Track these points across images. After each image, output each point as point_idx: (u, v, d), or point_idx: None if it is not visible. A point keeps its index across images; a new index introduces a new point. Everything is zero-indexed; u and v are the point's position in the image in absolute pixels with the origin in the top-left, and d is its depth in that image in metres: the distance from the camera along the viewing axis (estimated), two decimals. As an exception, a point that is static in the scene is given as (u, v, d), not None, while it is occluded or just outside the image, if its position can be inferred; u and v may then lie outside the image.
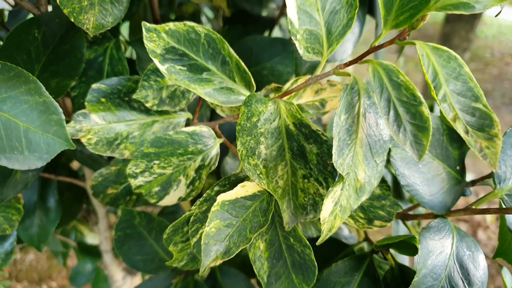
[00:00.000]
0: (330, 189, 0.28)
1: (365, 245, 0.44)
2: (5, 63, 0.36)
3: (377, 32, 0.56)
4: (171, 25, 0.35)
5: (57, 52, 0.46)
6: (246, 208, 0.30)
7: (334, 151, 0.27)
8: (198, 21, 0.99)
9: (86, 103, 0.41)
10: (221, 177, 0.38)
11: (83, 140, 0.41)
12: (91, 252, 0.94)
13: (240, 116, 0.33)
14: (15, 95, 0.37)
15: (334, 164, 0.27)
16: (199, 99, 0.47)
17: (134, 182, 0.39)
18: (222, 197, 0.29)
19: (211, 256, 0.28)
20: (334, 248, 0.42)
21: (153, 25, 0.35)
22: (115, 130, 0.42)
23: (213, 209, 0.29)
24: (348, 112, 0.29)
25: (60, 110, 0.37)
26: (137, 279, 1.04)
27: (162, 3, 0.82)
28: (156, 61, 0.36)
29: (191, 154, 0.39)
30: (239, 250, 0.28)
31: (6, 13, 0.77)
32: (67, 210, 0.68)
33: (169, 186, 0.39)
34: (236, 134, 0.32)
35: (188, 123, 0.47)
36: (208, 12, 1.07)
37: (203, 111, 0.59)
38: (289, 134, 0.34)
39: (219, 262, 0.29)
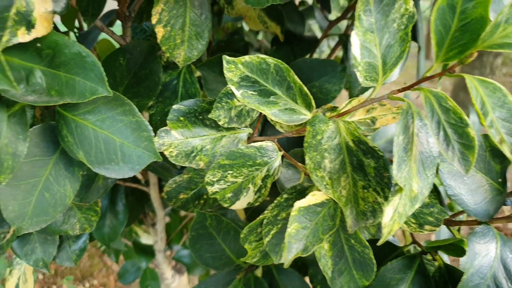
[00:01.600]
0: (389, 198, 0.33)
1: (411, 247, 0.48)
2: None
3: (419, 56, 0.61)
4: (246, 57, 0.41)
5: (138, 76, 0.53)
6: (317, 214, 0.36)
7: (394, 166, 0.32)
8: (241, 36, 1.05)
9: (167, 121, 0.48)
10: (275, 185, 0.44)
11: (166, 153, 0.47)
12: (146, 251, 1.02)
13: (306, 134, 0.39)
14: (113, 115, 0.44)
15: (394, 177, 0.32)
16: (259, 117, 0.53)
17: (210, 189, 0.45)
18: (298, 204, 0.35)
19: (293, 252, 0.34)
20: (387, 249, 0.47)
21: (232, 58, 0.41)
22: (191, 144, 0.49)
23: (292, 213, 0.34)
24: (404, 133, 0.34)
25: (150, 128, 0.44)
26: (184, 277, 1.11)
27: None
28: (233, 88, 0.42)
29: (258, 165, 0.45)
30: (315, 248, 0.34)
31: (72, 34, 0.85)
32: (131, 213, 0.76)
33: (240, 193, 0.45)
34: (304, 150, 0.38)
35: (249, 137, 0.53)
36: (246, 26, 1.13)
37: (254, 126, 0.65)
38: (349, 150, 0.39)
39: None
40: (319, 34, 1.08)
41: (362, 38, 0.36)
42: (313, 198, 0.36)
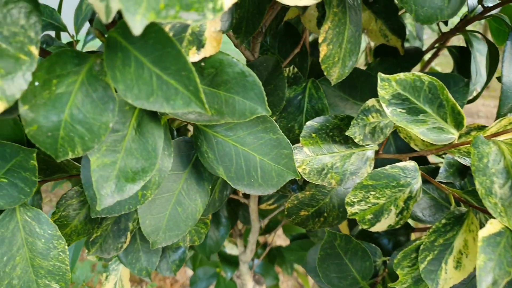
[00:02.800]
0: None
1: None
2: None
3: None
4: (401, 75, 0.40)
5: (263, 91, 0.52)
6: (497, 244, 0.34)
7: None
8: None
9: (301, 138, 0.47)
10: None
11: (299, 170, 0.47)
12: (231, 262, 1.02)
13: (472, 157, 0.37)
14: (254, 132, 0.44)
15: None
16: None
17: (350, 210, 0.44)
18: (481, 234, 0.33)
19: (483, 287, 0.32)
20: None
21: (386, 76, 0.40)
22: (322, 161, 0.48)
23: (479, 244, 0.33)
24: None
25: (290, 145, 0.44)
26: (263, 289, 1.10)
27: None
28: (384, 105, 0.41)
29: (402, 186, 0.44)
30: (504, 282, 0.32)
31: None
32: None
33: (380, 215, 0.44)
34: (473, 174, 0.36)
35: (376, 153, 0.52)
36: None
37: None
38: (515, 174, 0.37)
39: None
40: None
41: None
42: (491, 226, 0.34)
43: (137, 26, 0.23)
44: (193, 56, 0.35)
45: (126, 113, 0.37)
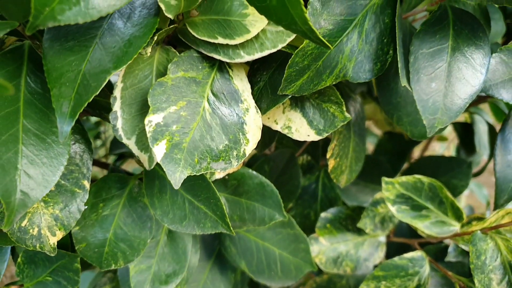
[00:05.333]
0: None
1: None
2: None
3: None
4: (403, 178, 0.45)
5: (279, 181, 0.58)
6: None
7: None
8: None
9: (316, 229, 0.52)
10: None
11: (316, 260, 0.51)
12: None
13: (471, 255, 0.41)
14: (272, 227, 0.49)
15: None
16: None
17: (364, 299, 0.47)
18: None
19: None
20: None
21: (390, 179, 0.44)
22: (338, 250, 0.52)
23: None
24: None
25: (307, 239, 0.48)
26: None
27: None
28: (388, 204, 0.45)
29: (410, 275, 0.47)
30: None
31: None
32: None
33: (393, 303, 0.47)
34: (472, 272, 0.40)
35: (387, 237, 0.56)
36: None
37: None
38: (513, 269, 0.40)
39: None
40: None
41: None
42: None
43: (176, 182, 0.29)
44: (219, 174, 0.41)
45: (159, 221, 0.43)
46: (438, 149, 1.31)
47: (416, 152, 1.05)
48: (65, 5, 0.24)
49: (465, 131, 0.74)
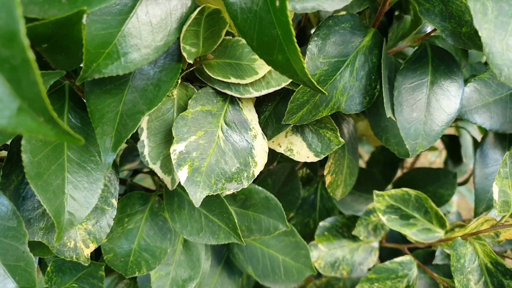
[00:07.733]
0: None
1: None
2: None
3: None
4: (392, 191, 0.50)
5: (281, 193, 0.63)
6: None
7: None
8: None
9: (316, 237, 0.57)
10: None
11: (316, 265, 0.56)
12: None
13: (451, 258, 0.46)
14: (276, 235, 0.54)
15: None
16: (387, 225, 0.61)
17: (359, 299, 0.53)
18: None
19: None
20: None
21: (381, 192, 0.50)
22: (335, 255, 0.57)
23: None
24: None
25: (307, 246, 0.53)
26: None
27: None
28: (380, 214, 0.51)
29: (400, 277, 0.53)
30: None
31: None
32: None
33: (385, 302, 0.52)
34: (452, 274, 0.45)
35: (380, 243, 0.61)
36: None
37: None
38: (488, 271, 0.46)
39: None
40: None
41: (500, 184, 0.44)
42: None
43: (197, 201, 0.34)
44: (229, 190, 0.46)
45: (176, 232, 0.48)
46: (430, 156, 1.37)
47: (409, 160, 1.11)
48: (109, 61, 0.29)
49: (453, 143, 0.80)
